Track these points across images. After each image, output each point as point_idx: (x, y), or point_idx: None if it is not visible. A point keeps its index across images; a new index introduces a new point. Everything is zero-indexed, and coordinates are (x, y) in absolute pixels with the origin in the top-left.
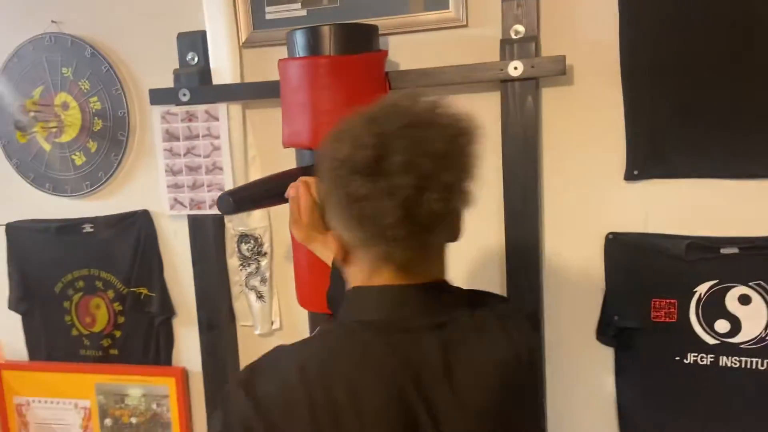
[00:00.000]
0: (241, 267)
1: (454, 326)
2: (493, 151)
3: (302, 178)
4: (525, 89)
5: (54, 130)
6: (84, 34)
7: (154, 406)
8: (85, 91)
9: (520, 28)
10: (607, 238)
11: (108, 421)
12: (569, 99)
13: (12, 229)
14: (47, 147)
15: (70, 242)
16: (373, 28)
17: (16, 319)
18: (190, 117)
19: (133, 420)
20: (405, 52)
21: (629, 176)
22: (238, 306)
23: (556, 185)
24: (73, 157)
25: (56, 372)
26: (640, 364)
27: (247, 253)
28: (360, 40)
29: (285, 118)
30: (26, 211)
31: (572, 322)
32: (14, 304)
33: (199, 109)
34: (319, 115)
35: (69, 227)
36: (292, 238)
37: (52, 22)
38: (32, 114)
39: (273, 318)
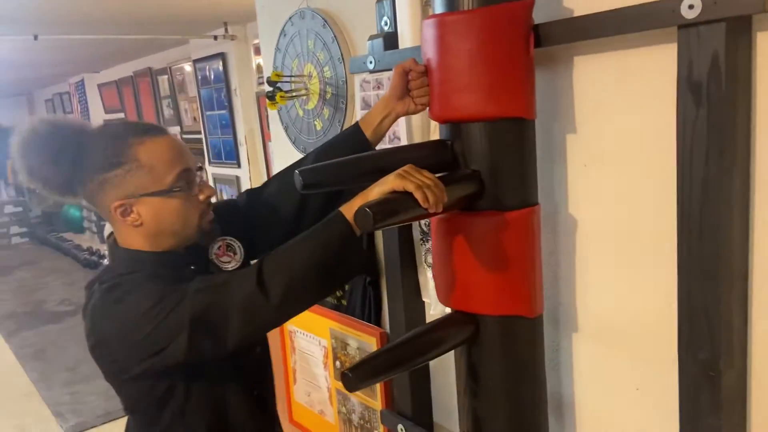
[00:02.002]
0: (421, 241)
1: None
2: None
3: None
4: (710, 37)
5: (304, 97)
6: (319, 6)
7: None
8: (321, 61)
9: None
10: None
11: (338, 363)
12: None
13: None
14: (301, 113)
15: None
16: None
17: None
18: (378, 84)
19: None
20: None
21: None
22: (422, 281)
23: None
24: (315, 122)
25: (309, 311)
26: None
27: (425, 228)
28: None
29: None
30: None
31: None
32: None
33: (384, 76)
34: (440, 84)
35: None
36: (432, 228)
37: None
38: (277, 84)
39: None
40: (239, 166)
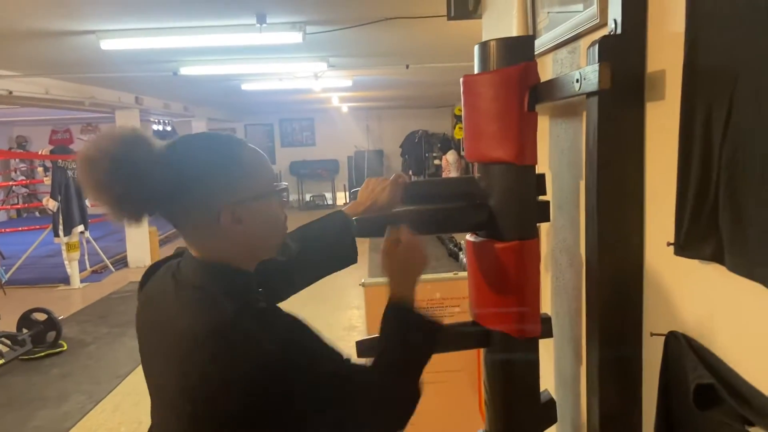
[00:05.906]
0: None
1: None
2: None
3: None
4: (591, 107)
5: None
6: None
7: None
8: None
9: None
10: (666, 338)
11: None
12: (666, 120)
13: None
14: None
15: None
16: (527, 40)
17: None
18: None
19: None
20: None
21: (677, 249)
22: None
23: None
24: None
25: None
26: None
27: None
28: (516, 54)
29: None
30: None
31: None
32: None
33: None
34: (464, 128)
35: None
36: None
37: None
38: (461, 117)
39: None
40: None
